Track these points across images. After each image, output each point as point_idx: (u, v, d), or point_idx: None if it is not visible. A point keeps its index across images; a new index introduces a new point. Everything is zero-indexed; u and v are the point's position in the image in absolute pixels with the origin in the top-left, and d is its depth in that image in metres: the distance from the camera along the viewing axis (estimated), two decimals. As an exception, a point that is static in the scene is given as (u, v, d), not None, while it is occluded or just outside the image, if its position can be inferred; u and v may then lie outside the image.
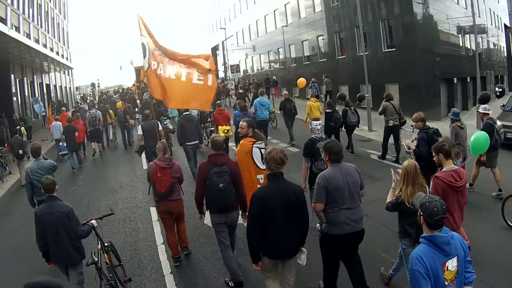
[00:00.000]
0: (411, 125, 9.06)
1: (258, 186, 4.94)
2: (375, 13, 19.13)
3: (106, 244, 4.96)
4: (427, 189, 4.08)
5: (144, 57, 6.85)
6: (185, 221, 5.84)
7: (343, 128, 10.88)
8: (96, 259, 4.49)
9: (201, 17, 57.35)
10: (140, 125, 9.93)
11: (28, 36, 23.74)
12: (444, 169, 4.21)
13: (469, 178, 6.54)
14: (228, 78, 37.01)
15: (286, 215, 3.68)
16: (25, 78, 23.70)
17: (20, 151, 11.03)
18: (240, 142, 5.43)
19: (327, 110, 10.59)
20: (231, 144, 11.18)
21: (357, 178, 4.01)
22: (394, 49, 18.56)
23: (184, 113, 9.69)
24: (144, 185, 9.16)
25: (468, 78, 22.37)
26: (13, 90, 21.59)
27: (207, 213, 4.89)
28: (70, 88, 42.14)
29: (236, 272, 4.79)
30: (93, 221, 4.79)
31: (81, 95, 45.48)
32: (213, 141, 4.82)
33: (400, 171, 4.13)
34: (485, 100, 6.79)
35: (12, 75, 21.51)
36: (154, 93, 6.92)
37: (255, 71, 38.56)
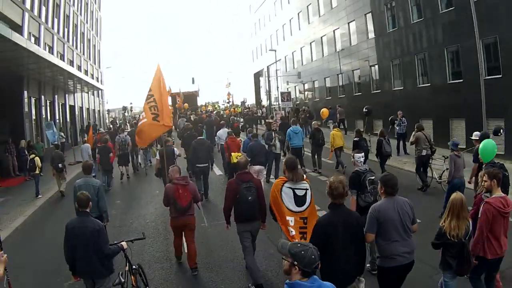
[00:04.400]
0: (442, 156, 10.19)
1: (289, 228, 4.89)
2: (473, 30, 14.70)
3: (134, 266, 5.02)
4: (470, 224, 4.15)
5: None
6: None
7: (378, 158, 11.09)
8: (123, 280, 4.64)
9: (242, 42, 55.37)
10: (158, 151, 10.74)
11: (51, 49, 20.89)
12: (494, 196, 4.35)
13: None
14: (278, 106, 33.94)
15: (348, 244, 3.73)
16: (42, 97, 20.48)
17: (60, 165, 11.90)
18: (275, 182, 5.35)
19: (355, 139, 11.04)
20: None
21: (410, 212, 4.03)
22: (500, 75, 14.06)
23: (198, 138, 11.14)
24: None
25: None
26: (26, 110, 18.28)
27: None
28: (99, 111, 39.66)
29: (257, 274, 5.40)
30: (124, 243, 4.83)
31: (112, 119, 43.09)
32: (239, 162, 5.89)
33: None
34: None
35: (26, 92, 18.24)
36: (141, 143, 9.11)
37: (303, 100, 35.03)
